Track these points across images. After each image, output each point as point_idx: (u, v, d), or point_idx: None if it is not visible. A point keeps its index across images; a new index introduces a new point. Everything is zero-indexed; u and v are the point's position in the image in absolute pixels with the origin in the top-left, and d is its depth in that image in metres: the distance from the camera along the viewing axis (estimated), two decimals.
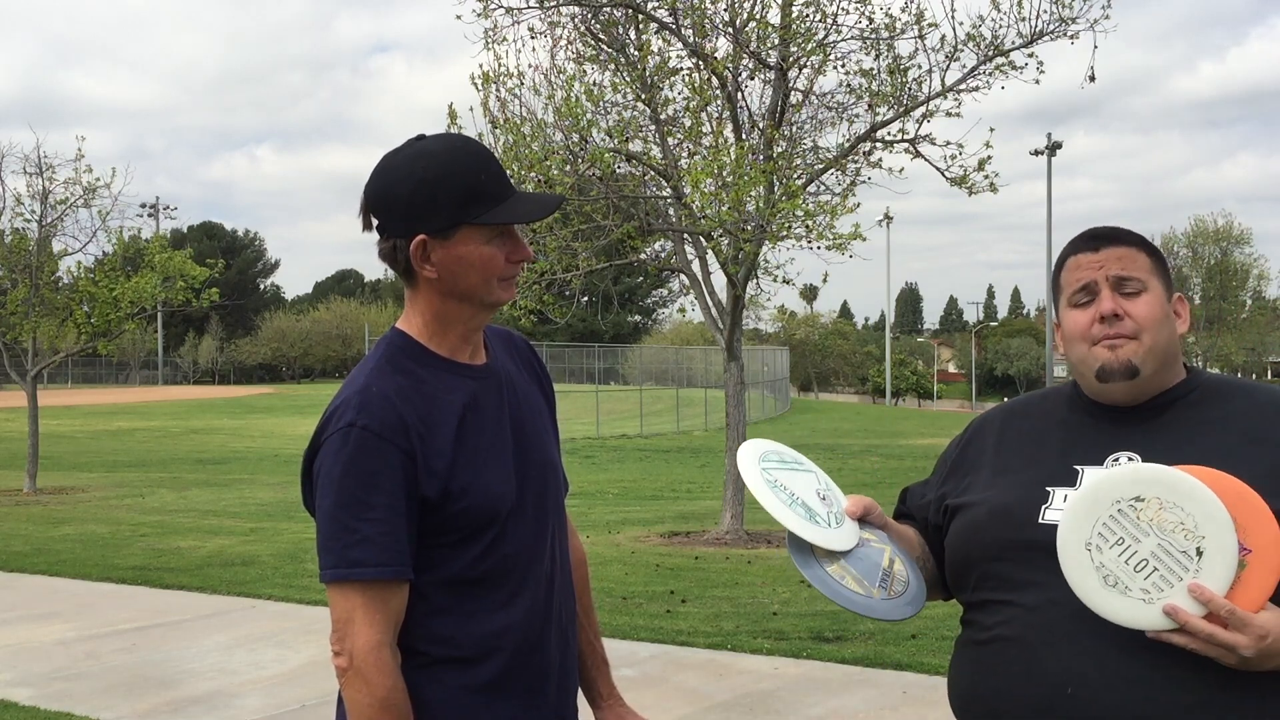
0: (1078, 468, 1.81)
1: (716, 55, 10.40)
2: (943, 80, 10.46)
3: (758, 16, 10.43)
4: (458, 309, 1.87)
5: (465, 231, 1.81)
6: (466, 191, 1.80)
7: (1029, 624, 1.74)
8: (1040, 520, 1.77)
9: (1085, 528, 1.64)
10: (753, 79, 10.85)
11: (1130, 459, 1.77)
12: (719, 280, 11.13)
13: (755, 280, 11.06)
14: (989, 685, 1.78)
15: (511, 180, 1.92)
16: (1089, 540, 1.63)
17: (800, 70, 10.70)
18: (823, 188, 10.99)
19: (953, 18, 10.26)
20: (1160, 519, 1.60)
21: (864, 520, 1.97)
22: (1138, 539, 1.61)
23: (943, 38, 10.38)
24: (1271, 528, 1.59)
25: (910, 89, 10.54)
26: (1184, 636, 1.57)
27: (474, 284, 1.84)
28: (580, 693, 2.10)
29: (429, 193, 1.80)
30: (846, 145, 10.76)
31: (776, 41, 10.43)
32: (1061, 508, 1.76)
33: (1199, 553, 1.58)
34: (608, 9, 10.54)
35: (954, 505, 1.93)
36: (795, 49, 10.40)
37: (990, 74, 10.43)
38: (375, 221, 1.86)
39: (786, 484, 1.99)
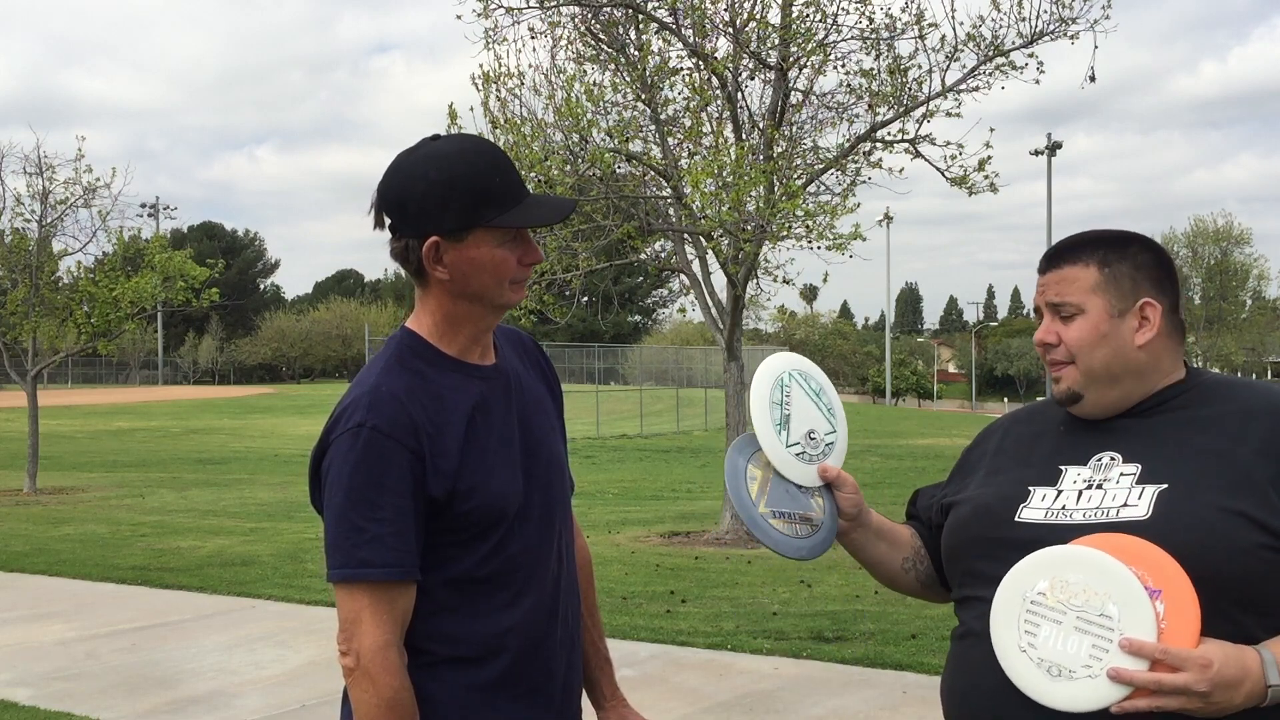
0: (1062, 467, 1.82)
1: (716, 55, 10.40)
2: (943, 80, 10.46)
3: (758, 16, 10.43)
4: (468, 310, 1.87)
5: (478, 234, 1.81)
6: (480, 194, 1.80)
7: None
8: (1016, 518, 1.78)
9: (1013, 632, 1.65)
10: (753, 79, 10.86)
11: (1113, 458, 1.78)
12: (719, 280, 11.14)
13: (755, 280, 11.06)
14: (962, 680, 1.80)
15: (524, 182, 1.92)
16: (1020, 643, 1.64)
17: (800, 70, 10.70)
18: (823, 188, 11.00)
19: (953, 18, 10.26)
20: (1066, 596, 1.61)
21: (832, 488, 2.01)
22: (1058, 621, 1.61)
23: (943, 38, 10.39)
24: (1168, 563, 1.59)
25: (910, 89, 10.54)
26: (1144, 698, 1.54)
27: (485, 286, 1.84)
28: (584, 693, 2.10)
29: (443, 195, 1.80)
30: (846, 145, 10.76)
31: (776, 41, 10.43)
32: (1039, 507, 1.78)
33: (1114, 611, 1.58)
34: (608, 9, 10.54)
35: (947, 504, 1.97)
36: (795, 49, 10.40)
37: (990, 74, 10.44)
38: (388, 220, 1.86)
39: (792, 399, 2.02)
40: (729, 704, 5.57)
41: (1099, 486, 1.75)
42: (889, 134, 10.75)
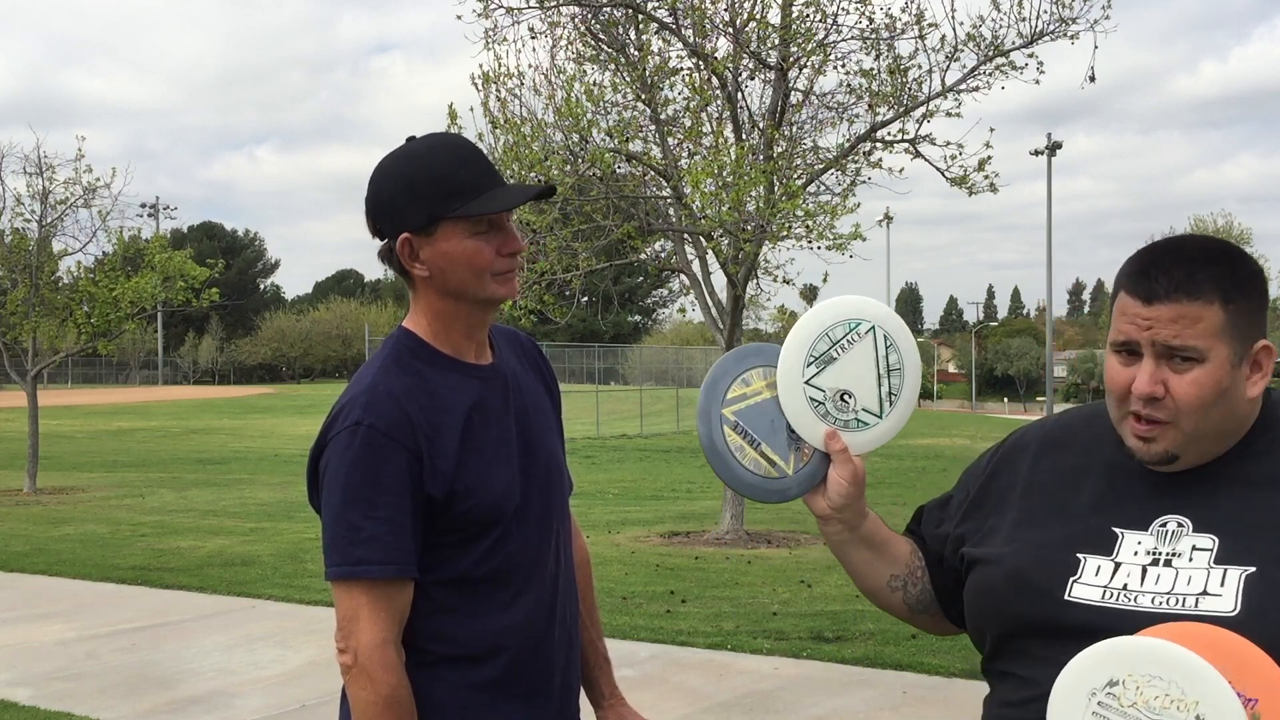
0: (1117, 530, 1.51)
1: (716, 55, 10.40)
2: (943, 80, 10.47)
3: (758, 16, 10.43)
4: (455, 307, 1.87)
5: (446, 227, 1.82)
6: (442, 186, 1.81)
7: None
8: (1066, 595, 1.48)
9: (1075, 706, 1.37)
10: (753, 79, 10.87)
11: (1180, 525, 1.48)
12: (719, 280, 11.14)
13: (755, 280, 11.06)
14: None
15: (510, 177, 1.92)
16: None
17: (800, 70, 10.71)
18: (823, 188, 11.00)
19: (953, 18, 10.27)
20: (1143, 699, 1.36)
21: (832, 462, 1.70)
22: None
23: (943, 38, 10.39)
24: (1266, 665, 1.36)
25: (910, 89, 10.54)
26: None
27: (464, 279, 1.84)
28: (582, 692, 2.11)
29: (409, 191, 1.82)
30: (846, 145, 10.77)
31: (776, 41, 10.44)
32: (1093, 584, 1.47)
33: None
34: (608, 9, 10.54)
35: (972, 558, 1.63)
36: (795, 49, 10.40)
37: (990, 74, 10.45)
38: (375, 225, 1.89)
39: (853, 351, 1.70)
40: (729, 704, 5.57)
41: (1167, 564, 1.46)
42: (889, 134, 10.76)
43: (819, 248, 10.18)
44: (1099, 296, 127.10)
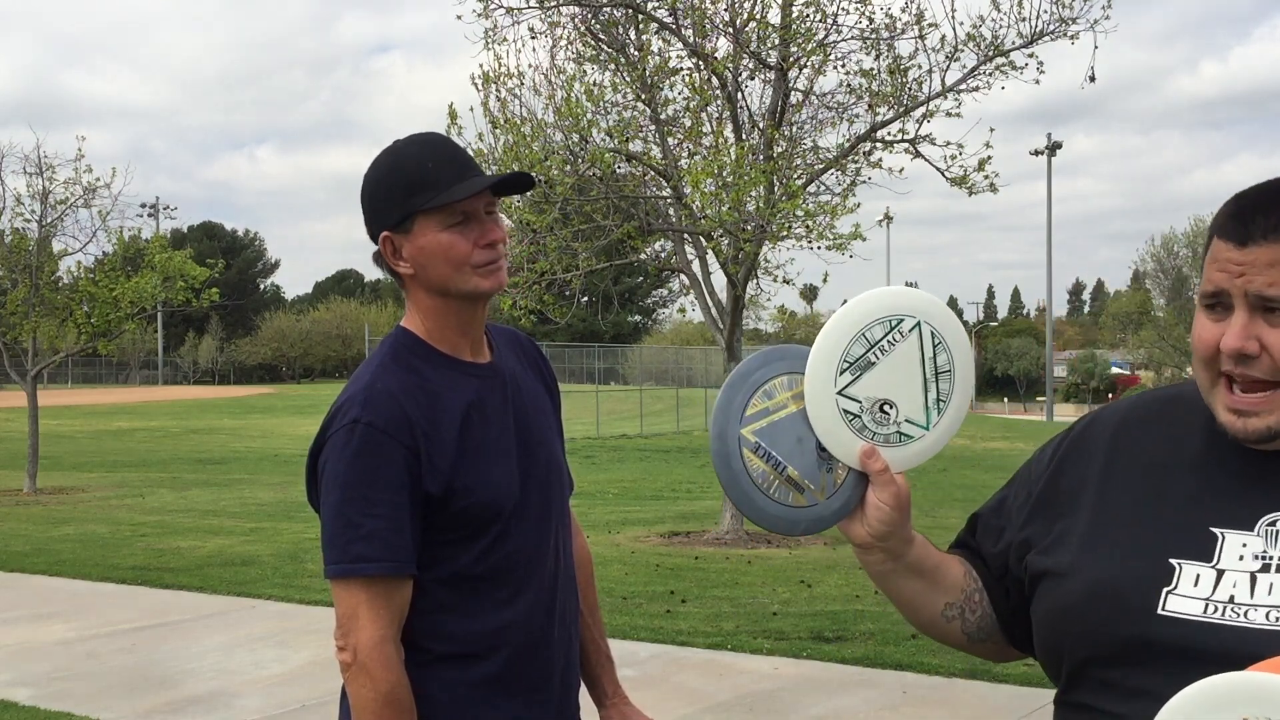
0: (1217, 531, 1.26)
1: (716, 55, 10.41)
2: (943, 80, 10.47)
3: (758, 16, 10.44)
4: (444, 303, 1.87)
5: (421, 221, 1.83)
6: (412, 181, 1.82)
7: None
8: (1160, 609, 1.24)
9: None
10: (753, 79, 10.87)
11: None
12: (719, 280, 11.14)
13: (755, 280, 11.07)
14: None
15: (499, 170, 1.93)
16: None
17: (800, 70, 10.71)
18: (823, 188, 11.01)
19: (953, 18, 10.28)
20: None
21: (870, 483, 1.43)
22: None
23: (943, 38, 10.40)
24: None
25: (910, 89, 10.55)
26: None
27: (443, 274, 1.84)
28: (586, 691, 2.11)
29: (383, 188, 1.85)
30: (846, 145, 10.77)
31: (776, 41, 10.44)
32: (1192, 595, 1.23)
33: None
34: (608, 9, 10.55)
35: (1040, 569, 1.38)
36: (795, 49, 10.40)
37: (990, 74, 10.45)
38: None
39: (895, 353, 1.43)
40: (729, 704, 5.58)
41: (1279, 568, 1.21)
42: (889, 134, 10.77)
43: (819, 248, 10.20)
44: (1099, 296, 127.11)
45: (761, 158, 10.20)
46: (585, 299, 20.66)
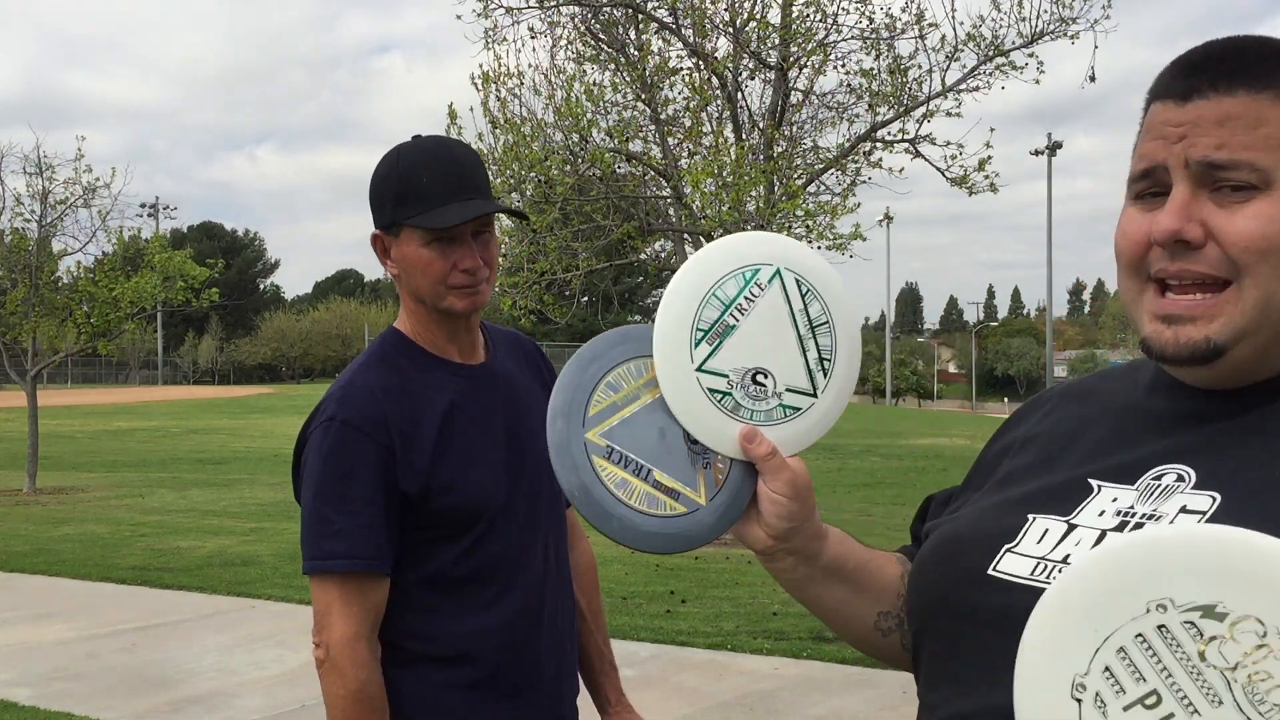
0: (1093, 483, 1.02)
1: (716, 55, 10.41)
2: (943, 80, 10.48)
3: (758, 16, 10.44)
4: (426, 310, 1.88)
5: (405, 231, 1.83)
6: (402, 189, 1.81)
7: None
8: (991, 569, 0.99)
9: (1074, 655, 0.79)
10: (753, 79, 10.88)
11: (1181, 478, 0.96)
12: None
13: None
14: None
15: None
16: (1079, 676, 0.78)
17: (800, 70, 10.72)
18: (823, 188, 11.02)
19: (953, 18, 10.29)
20: (1257, 664, 0.72)
21: (759, 472, 1.15)
22: (1196, 707, 0.74)
23: (943, 38, 10.41)
24: None
25: (910, 89, 10.56)
26: None
27: (420, 286, 1.84)
28: (589, 698, 2.09)
29: (379, 189, 1.85)
30: (846, 145, 10.78)
31: (776, 41, 10.45)
32: (1028, 553, 0.98)
33: None
34: (608, 9, 10.55)
35: (929, 529, 1.18)
36: (795, 49, 10.41)
37: (990, 74, 10.47)
38: None
39: (755, 311, 1.16)
40: (729, 704, 5.58)
41: (1137, 529, 0.94)
42: (889, 134, 10.78)
43: (819, 247, 10.19)
44: (1099, 296, 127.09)
45: (761, 158, 10.20)
46: (585, 299, 20.65)
